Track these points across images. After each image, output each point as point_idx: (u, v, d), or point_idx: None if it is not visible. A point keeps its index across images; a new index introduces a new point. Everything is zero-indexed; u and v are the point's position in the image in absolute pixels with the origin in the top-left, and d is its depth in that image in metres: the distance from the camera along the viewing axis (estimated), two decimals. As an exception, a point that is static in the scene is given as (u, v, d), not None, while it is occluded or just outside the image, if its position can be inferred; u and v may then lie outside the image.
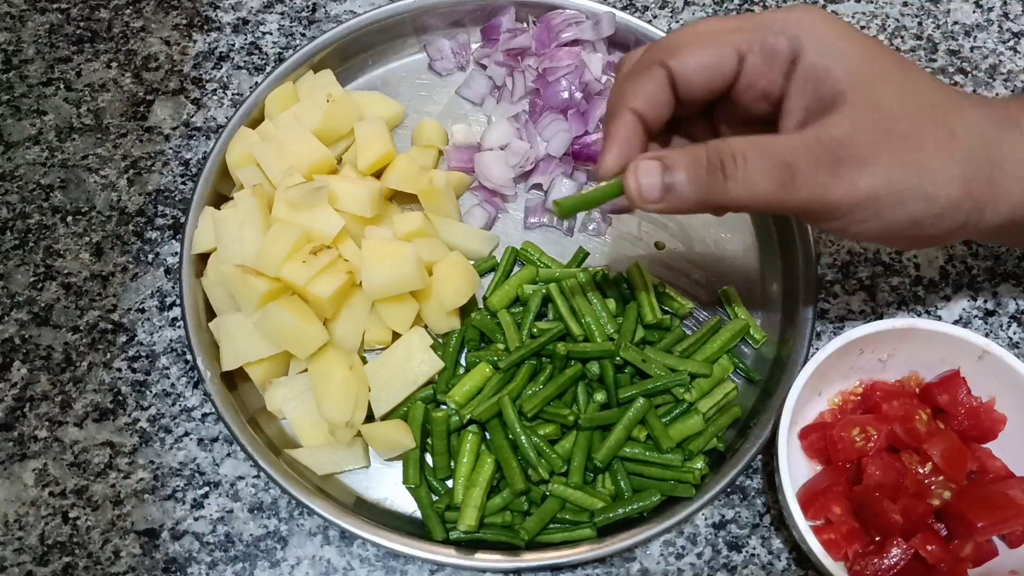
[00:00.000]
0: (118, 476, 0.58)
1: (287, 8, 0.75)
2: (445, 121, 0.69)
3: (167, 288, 0.64)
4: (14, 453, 0.59)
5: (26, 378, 0.61)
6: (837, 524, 0.52)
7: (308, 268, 0.56)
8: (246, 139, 0.64)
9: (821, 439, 0.55)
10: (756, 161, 0.43)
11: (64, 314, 0.63)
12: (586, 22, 0.68)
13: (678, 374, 0.55)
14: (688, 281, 0.64)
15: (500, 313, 0.60)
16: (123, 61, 0.72)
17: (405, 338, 0.59)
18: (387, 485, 0.58)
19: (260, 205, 0.59)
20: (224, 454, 0.59)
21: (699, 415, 0.55)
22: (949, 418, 0.55)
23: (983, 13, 0.74)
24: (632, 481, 0.55)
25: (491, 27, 0.70)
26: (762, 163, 0.43)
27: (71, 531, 0.57)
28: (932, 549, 0.50)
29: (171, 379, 0.61)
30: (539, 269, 0.62)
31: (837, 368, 0.56)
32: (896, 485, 0.52)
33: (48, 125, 0.70)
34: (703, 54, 0.45)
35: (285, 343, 0.56)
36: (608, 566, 0.56)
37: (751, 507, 0.57)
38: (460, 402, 0.57)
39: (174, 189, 0.68)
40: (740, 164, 0.43)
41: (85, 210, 0.67)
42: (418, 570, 0.56)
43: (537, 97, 0.68)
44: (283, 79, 0.67)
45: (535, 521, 0.54)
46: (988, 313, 0.63)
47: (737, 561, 0.56)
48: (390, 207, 0.65)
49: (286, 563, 0.56)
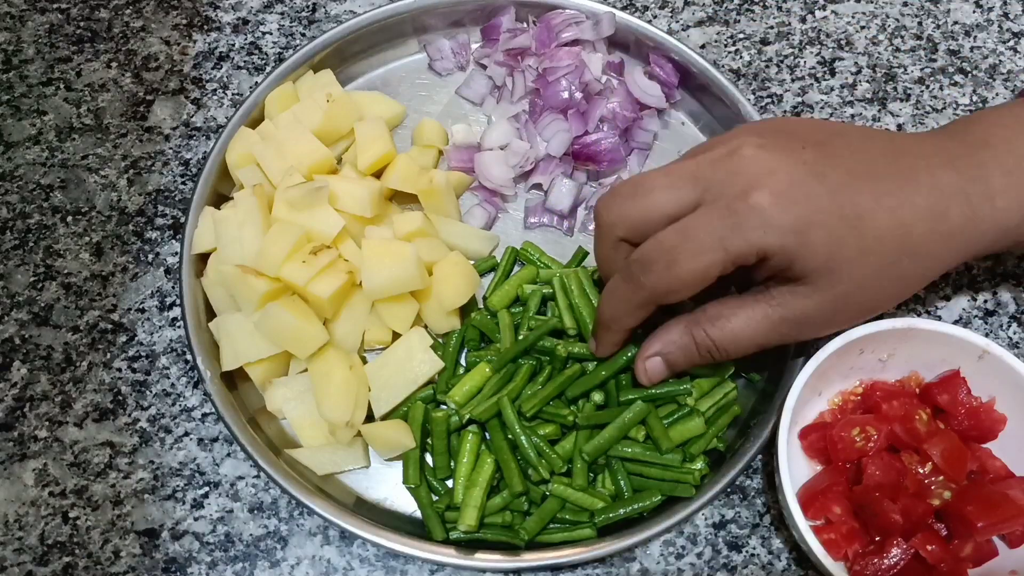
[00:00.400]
0: (118, 476, 0.58)
1: (287, 8, 0.75)
2: (445, 121, 0.69)
3: (167, 288, 0.64)
4: (14, 453, 0.59)
5: (26, 378, 0.61)
6: (837, 524, 0.52)
7: (308, 268, 0.56)
8: (246, 139, 0.64)
9: (821, 439, 0.55)
10: (732, 350, 0.50)
11: (64, 314, 0.63)
12: (586, 22, 0.68)
13: (681, 381, 0.55)
14: (688, 281, 0.63)
15: (500, 313, 0.60)
16: (123, 61, 0.72)
17: (405, 338, 0.59)
18: (387, 485, 0.58)
19: (260, 205, 0.59)
20: (224, 454, 0.59)
21: (700, 417, 0.55)
22: (949, 418, 0.55)
23: (983, 13, 0.74)
24: (632, 481, 0.55)
25: (491, 27, 0.70)
26: (737, 350, 0.50)
27: (71, 531, 0.57)
28: (932, 549, 0.50)
29: (171, 379, 0.61)
30: (539, 269, 0.62)
31: (837, 368, 0.56)
32: (896, 485, 0.52)
33: (48, 125, 0.70)
34: (686, 292, 0.48)
35: (285, 343, 0.56)
36: (608, 566, 0.56)
37: (751, 507, 0.57)
38: (460, 402, 0.57)
39: (174, 189, 0.68)
40: (722, 351, 0.50)
41: (85, 210, 0.67)
42: (418, 570, 0.56)
43: (537, 97, 0.68)
44: (283, 79, 0.67)
45: (535, 521, 0.54)
46: (988, 313, 0.63)
47: (737, 561, 0.56)
48: (390, 207, 0.65)
49: (286, 563, 0.56)
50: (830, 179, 0.46)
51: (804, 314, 0.49)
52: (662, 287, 0.48)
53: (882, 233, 0.47)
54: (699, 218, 0.47)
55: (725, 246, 0.46)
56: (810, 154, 0.47)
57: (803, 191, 0.46)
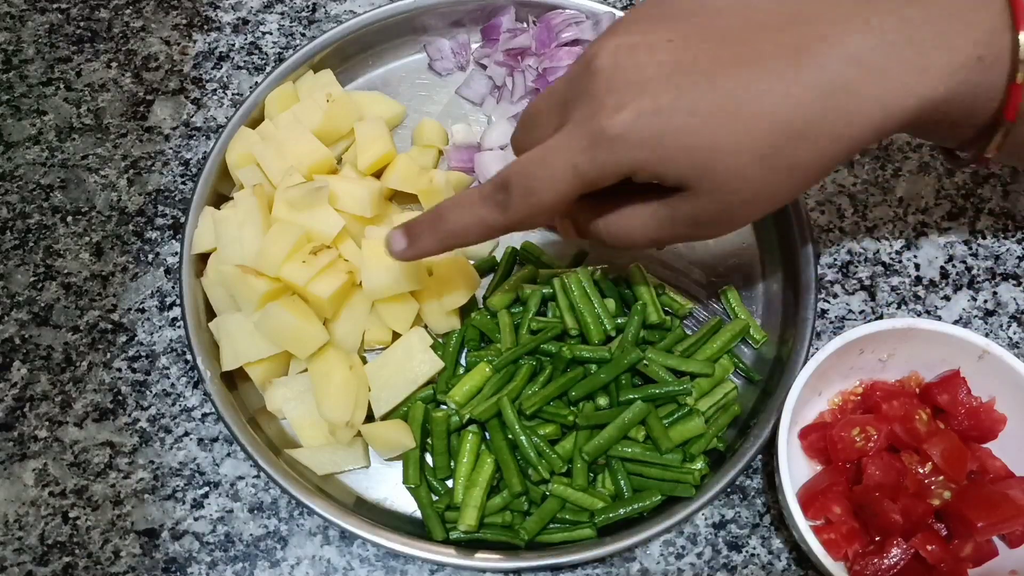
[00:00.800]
0: (118, 476, 0.58)
1: (287, 8, 0.75)
2: (445, 121, 0.69)
3: (167, 288, 0.64)
4: (14, 453, 0.59)
5: (26, 378, 0.61)
6: (837, 524, 0.52)
7: (308, 268, 0.56)
8: (246, 139, 0.64)
9: (821, 439, 0.55)
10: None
11: (64, 314, 0.63)
12: (586, 22, 0.68)
13: (681, 381, 0.55)
14: (688, 281, 0.64)
15: (500, 313, 0.60)
16: (123, 61, 0.72)
17: (405, 338, 0.59)
18: (387, 485, 0.58)
19: (260, 205, 0.59)
20: (224, 454, 0.59)
21: (700, 417, 0.55)
22: (949, 418, 0.55)
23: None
24: (632, 481, 0.55)
25: (491, 27, 0.70)
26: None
27: (71, 531, 0.57)
28: (932, 549, 0.50)
29: (171, 379, 0.61)
30: (539, 269, 0.62)
31: (837, 368, 0.56)
32: (896, 485, 0.52)
33: (48, 125, 0.70)
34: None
35: (285, 343, 0.56)
36: (608, 566, 0.56)
37: (751, 507, 0.57)
38: (460, 402, 0.57)
39: (174, 189, 0.68)
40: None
41: (85, 210, 0.67)
42: (418, 570, 0.56)
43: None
44: (283, 79, 0.67)
45: (535, 521, 0.54)
46: (988, 313, 0.63)
47: (737, 561, 0.56)
48: (390, 207, 0.65)
49: (286, 563, 0.56)
50: (690, 76, 0.43)
51: (693, 216, 0.46)
52: (520, 216, 0.47)
53: (755, 123, 0.42)
54: (555, 142, 0.45)
55: (578, 172, 0.44)
56: (673, 47, 0.44)
57: (655, 99, 0.43)
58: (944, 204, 0.66)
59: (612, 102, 0.43)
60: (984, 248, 0.65)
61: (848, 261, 0.65)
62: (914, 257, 0.65)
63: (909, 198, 0.67)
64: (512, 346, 0.58)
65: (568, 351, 0.56)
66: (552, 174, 0.45)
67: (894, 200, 0.66)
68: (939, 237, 0.65)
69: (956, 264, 0.65)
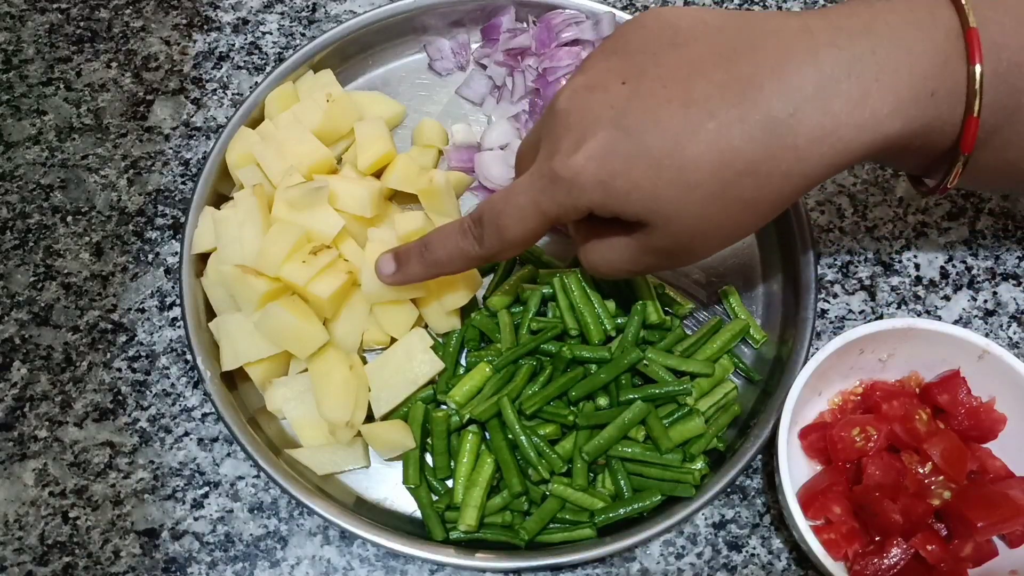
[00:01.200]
0: (118, 476, 0.58)
1: (287, 8, 0.75)
2: (445, 121, 0.69)
3: (167, 288, 0.64)
4: (14, 453, 0.59)
5: (26, 378, 0.61)
6: (837, 524, 0.52)
7: (308, 268, 0.56)
8: (246, 139, 0.64)
9: (821, 439, 0.55)
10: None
11: (64, 314, 0.63)
12: (586, 22, 0.68)
13: (681, 381, 0.55)
14: (688, 281, 0.64)
15: (500, 313, 0.60)
16: (123, 61, 0.72)
17: (406, 338, 0.59)
18: (387, 485, 0.58)
19: (260, 205, 0.59)
20: (224, 454, 0.59)
21: (700, 417, 0.55)
22: (949, 418, 0.55)
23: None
24: (632, 481, 0.55)
25: (491, 27, 0.70)
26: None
27: (71, 531, 0.57)
28: (932, 549, 0.50)
29: (171, 379, 0.61)
30: (539, 269, 0.62)
31: (837, 368, 0.56)
32: (896, 485, 0.52)
33: (48, 125, 0.70)
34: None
35: (285, 343, 0.56)
36: (608, 566, 0.56)
37: (751, 507, 0.57)
38: (460, 402, 0.57)
39: (174, 189, 0.68)
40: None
41: (85, 210, 0.67)
42: (418, 570, 0.56)
43: (537, 97, 0.68)
44: (283, 79, 0.67)
45: (535, 521, 0.54)
46: (988, 313, 0.63)
47: (737, 561, 0.56)
48: (390, 207, 0.65)
49: (286, 563, 0.56)
50: (638, 117, 0.43)
51: (659, 248, 0.47)
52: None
53: (699, 163, 0.42)
54: (520, 181, 0.48)
55: (542, 210, 0.47)
56: (624, 90, 0.44)
57: (605, 143, 0.44)
58: (944, 204, 0.67)
59: (567, 145, 0.45)
60: (984, 248, 0.65)
61: (848, 261, 0.65)
62: (914, 257, 0.65)
63: (909, 198, 0.67)
64: (512, 346, 0.58)
65: (568, 351, 0.56)
66: (518, 212, 0.48)
67: (894, 200, 0.67)
68: (939, 237, 0.65)
69: (956, 264, 0.65)
